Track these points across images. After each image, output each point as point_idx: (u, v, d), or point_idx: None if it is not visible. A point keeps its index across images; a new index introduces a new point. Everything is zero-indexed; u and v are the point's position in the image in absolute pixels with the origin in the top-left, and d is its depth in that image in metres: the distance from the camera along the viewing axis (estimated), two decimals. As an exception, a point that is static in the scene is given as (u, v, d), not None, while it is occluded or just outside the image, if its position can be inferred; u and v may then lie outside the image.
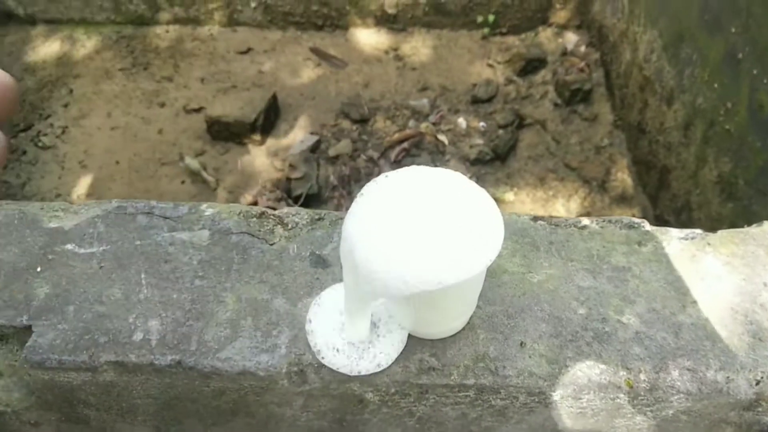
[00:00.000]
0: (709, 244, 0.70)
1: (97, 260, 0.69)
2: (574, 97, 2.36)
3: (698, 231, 0.73)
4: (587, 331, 0.64)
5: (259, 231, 0.72)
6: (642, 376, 0.61)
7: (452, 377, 0.61)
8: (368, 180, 0.57)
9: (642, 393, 0.61)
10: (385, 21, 2.58)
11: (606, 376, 0.61)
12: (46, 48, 2.52)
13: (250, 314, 0.65)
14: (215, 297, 0.66)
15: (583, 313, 0.65)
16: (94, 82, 2.40)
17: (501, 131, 2.26)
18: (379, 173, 2.26)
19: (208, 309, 0.65)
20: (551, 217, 0.74)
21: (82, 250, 0.70)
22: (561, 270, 0.68)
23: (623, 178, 2.20)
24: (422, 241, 0.50)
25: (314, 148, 2.19)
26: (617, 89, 2.31)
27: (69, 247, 0.70)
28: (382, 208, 0.52)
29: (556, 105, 2.37)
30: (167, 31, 2.58)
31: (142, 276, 0.68)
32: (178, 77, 2.43)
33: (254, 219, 0.73)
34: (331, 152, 2.18)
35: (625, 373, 0.61)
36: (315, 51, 2.52)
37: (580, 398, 0.63)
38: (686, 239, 0.71)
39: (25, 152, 2.20)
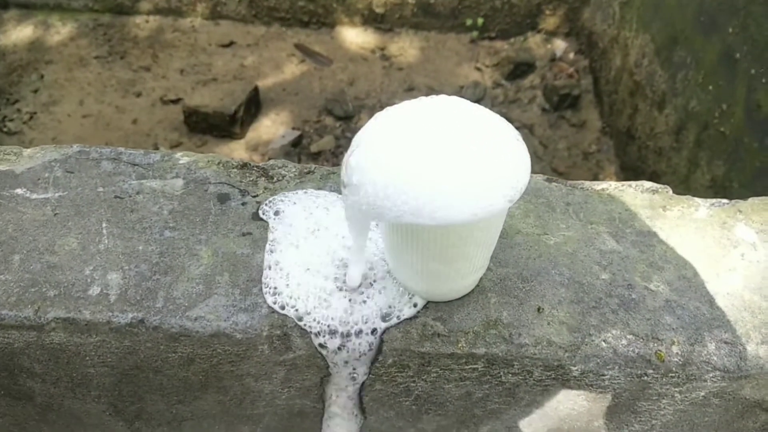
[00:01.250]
0: (740, 211, 0.64)
1: (51, 207, 0.60)
2: (562, 102, 2.32)
3: (725, 200, 0.66)
4: (612, 297, 0.56)
5: (241, 182, 0.64)
6: (675, 349, 0.54)
7: (460, 345, 0.53)
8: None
9: (674, 368, 0.54)
10: (373, 20, 2.53)
11: (635, 348, 0.54)
12: (18, 32, 2.41)
13: (228, 270, 0.56)
14: (188, 250, 0.58)
15: (607, 279, 0.58)
16: (67, 69, 2.29)
17: (488, 134, 2.21)
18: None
19: (179, 263, 0.57)
20: (566, 179, 0.67)
21: (34, 196, 0.60)
22: (580, 232, 0.61)
23: (611, 184, 2.15)
24: (439, 168, 0.43)
25: (296, 143, 2.11)
26: (606, 95, 2.28)
27: (19, 191, 0.61)
28: (397, 131, 0.44)
29: (544, 110, 2.33)
30: (147, 21, 2.49)
31: (104, 225, 0.59)
32: (156, 67, 2.33)
33: (235, 170, 0.65)
34: (313, 148, 2.10)
35: (655, 345, 0.54)
36: (299, 47, 2.45)
37: (603, 374, 0.55)
38: (715, 206, 0.64)
39: (-12, 137, 2.08)
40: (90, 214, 0.60)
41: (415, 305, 0.54)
